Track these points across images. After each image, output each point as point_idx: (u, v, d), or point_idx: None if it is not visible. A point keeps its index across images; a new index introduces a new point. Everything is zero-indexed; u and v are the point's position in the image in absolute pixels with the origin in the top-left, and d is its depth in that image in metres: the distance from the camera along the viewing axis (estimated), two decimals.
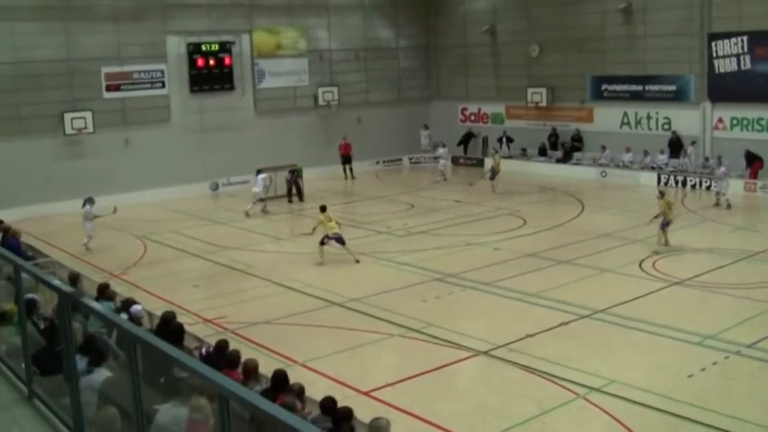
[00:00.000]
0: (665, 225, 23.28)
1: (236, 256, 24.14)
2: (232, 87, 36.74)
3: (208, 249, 25.06)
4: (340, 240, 22.95)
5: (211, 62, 36.00)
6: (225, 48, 36.32)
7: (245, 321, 17.84)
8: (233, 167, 35.80)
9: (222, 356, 11.61)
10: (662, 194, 24.34)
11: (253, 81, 37.57)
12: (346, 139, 38.52)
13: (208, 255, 24.45)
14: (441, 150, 37.87)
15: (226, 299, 19.89)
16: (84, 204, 25.28)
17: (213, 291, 21.17)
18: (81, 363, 8.22)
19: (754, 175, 31.39)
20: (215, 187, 35.93)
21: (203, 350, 12.33)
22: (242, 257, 23.90)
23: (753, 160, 31.42)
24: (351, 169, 38.34)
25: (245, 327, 17.47)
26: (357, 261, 22.79)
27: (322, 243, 22.97)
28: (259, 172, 31.65)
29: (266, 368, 11.82)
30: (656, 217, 23.57)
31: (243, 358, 11.19)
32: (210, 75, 36.03)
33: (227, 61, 36.42)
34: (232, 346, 13.77)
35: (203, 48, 35.76)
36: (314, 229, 23.62)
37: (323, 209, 23.52)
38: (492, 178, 33.53)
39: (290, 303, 19.26)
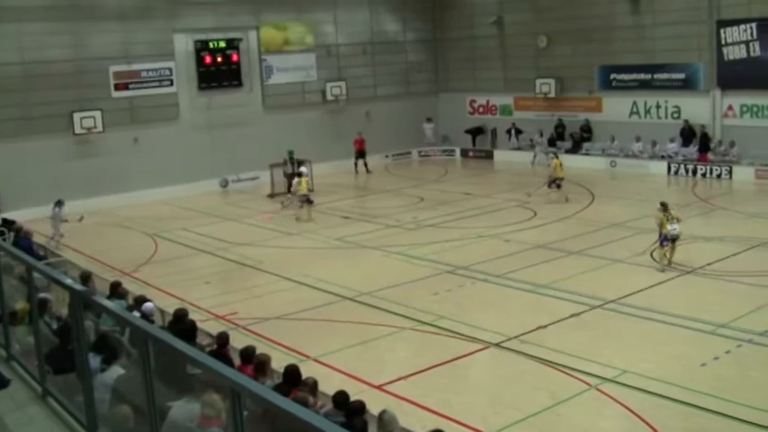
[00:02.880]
0: (664, 241, 20.23)
1: (247, 252, 24.18)
2: (240, 84, 36.76)
3: (218, 246, 25.10)
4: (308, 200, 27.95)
5: (219, 59, 36.00)
6: (232, 44, 36.33)
7: (256, 317, 17.87)
8: (242, 164, 35.85)
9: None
10: (664, 207, 20.61)
11: (261, 77, 37.57)
12: (361, 134, 38.51)
13: (219, 251, 24.49)
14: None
15: (237, 295, 19.93)
16: (55, 207, 25.43)
17: (225, 287, 21.23)
18: (94, 361, 8.26)
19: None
20: (224, 184, 35.97)
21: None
22: (253, 253, 23.94)
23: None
24: (365, 164, 38.30)
25: (257, 322, 17.49)
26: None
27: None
28: (300, 164, 31.94)
29: (279, 364, 11.86)
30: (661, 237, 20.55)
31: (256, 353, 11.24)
32: (218, 72, 36.03)
33: (234, 58, 36.42)
34: (244, 341, 13.87)
35: (211, 45, 35.76)
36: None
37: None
38: (557, 186, 29.21)
39: (301, 298, 19.28)
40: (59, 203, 25.59)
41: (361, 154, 38.33)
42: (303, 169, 31.01)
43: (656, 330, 16.07)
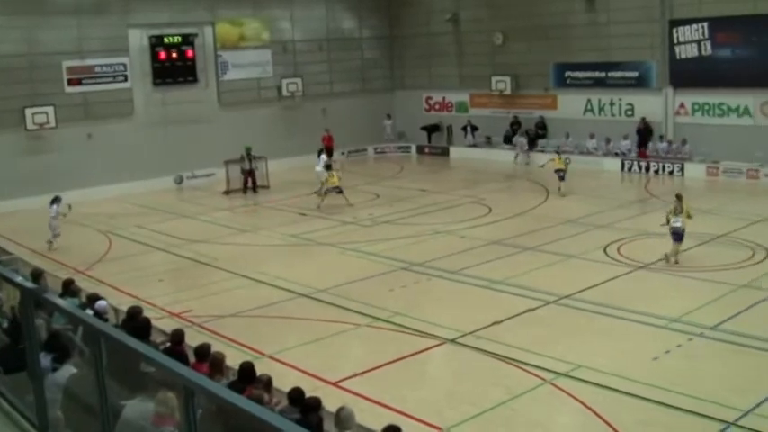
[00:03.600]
0: (675, 234, 20.15)
1: (203, 249, 24.01)
2: (195, 80, 36.48)
3: (173, 243, 24.90)
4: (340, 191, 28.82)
5: (174, 55, 35.66)
6: (187, 40, 36.02)
7: (211, 315, 17.75)
8: (197, 160, 35.54)
9: (178, 347, 11.63)
10: (678, 198, 20.78)
11: (216, 73, 37.34)
12: (329, 131, 38.41)
13: (173, 248, 24.29)
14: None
15: (192, 292, 19.78)
16: (52, 205, 24.80)
17: (179, 285, 21.06)
18: (45, 360, 8.14)
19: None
20: (179, 181, 35.67)
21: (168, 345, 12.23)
22: (208, 251, 23.78)
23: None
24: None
25: (213, 320, 17.39)
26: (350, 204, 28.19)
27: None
28: (320, 153, 32.29)
29: (234, 361, 11.81)
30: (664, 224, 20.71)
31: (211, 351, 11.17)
32: (173, 67, 35.71)
33: (189, 54, 36.12)
34: (199, 339, 13.76)
35: (166, 40, 35.43)
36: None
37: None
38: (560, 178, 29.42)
39: (257, 296, 19.19)
40: (56, 200, 24.87)
41: (328, 151, 38.18)
42: (331, 162, 31.77)
43: (610, 325, 16.26)
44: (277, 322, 17.37)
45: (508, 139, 38.63)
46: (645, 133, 33.96)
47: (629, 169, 33.70)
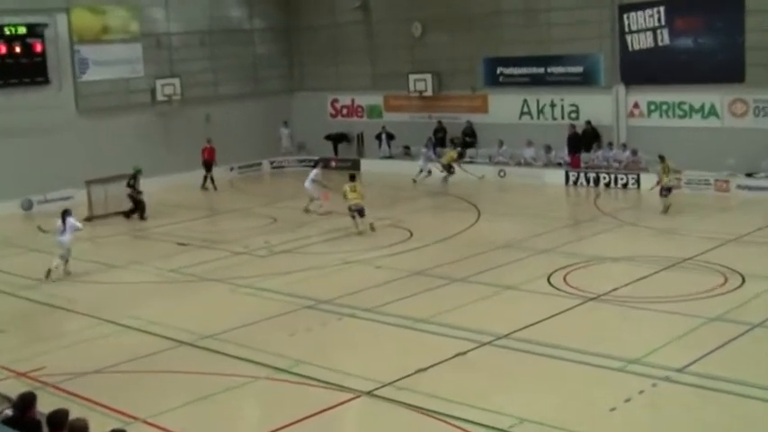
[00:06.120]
0: (663, 190, 28.31)
1: (58, 290, 23.53)
2: (46, 81, 36.01)
3: (20, 284, 24.33)
4: (360, 212, 27.94)
5: (18, 49, 35.16)
6: (35, 31, 35.51)
7: (70, 372, 17.28)
8: (51, 180, 34.84)
9: (27, 413, 11.26)
10: (662, 159, 28.60)
11: (73, 73, 36.86)
12: (210, 142, 38.17)
13: (20, 291, 23.72)
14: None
15: (44, 345, 19.29)
16: (63, 218, 25.07)
17: (28, 336, 20.58)
18: None
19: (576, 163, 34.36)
20: (28, 206, 34.94)
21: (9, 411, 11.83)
22: (65, 291, 23.34)
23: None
24: (212, 178, 37.87)
25: (71, 379, 16.93)
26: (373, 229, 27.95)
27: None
28: (315, 164, 32.97)
29: (101, 429, 11.49)
30: (658, 185, 28.51)
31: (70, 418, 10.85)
32: (17, 65, 35.20)
33: (37, 48, 35.66)
34: (54, 404, 13.33)
35: (7, 31, 34.88)
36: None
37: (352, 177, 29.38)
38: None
39: (127, 346, 18.78)
40: (68, 212, 25.36)
41: (207, 166, 37.83)
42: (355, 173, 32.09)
43: (557, 369, 16.32)
44: (152, 378, 17.02)
45: (431, 150, 38.79)
46: (579, 140, 34.54)
47: (576, 182, 34.24)
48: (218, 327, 19.51)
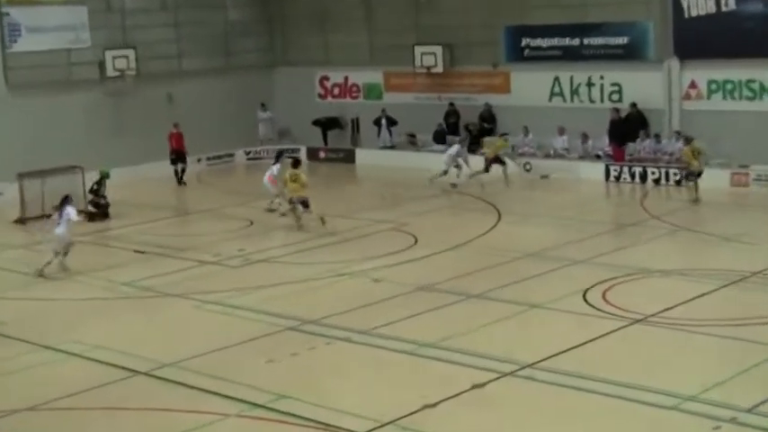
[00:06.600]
0: (689, 176, 30.12)
1: None
2: None
3: None
4: (304, 203, 29.08)
5: None
6: None
7: None
8: None
9: None
10: (687, 141, 30.67)
11: (1, 41, 36.84)
12: (178, 127, 38.25)
13: None
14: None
15: None
16: (61, 208, 25.69)
17: None
18: None
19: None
20: None
21: None
22: None
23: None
24: (183, 171, 37.89)
25: None
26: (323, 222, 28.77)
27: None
28: (277, 159, 33.58)
29: None
30: (683, 170, 30.66)
31: None
32: None
33: None
34: None
35: None
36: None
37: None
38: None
39: (68, 377, 18.76)
40: (67, 200, 25.86)
41: (179, 156, 37.77)
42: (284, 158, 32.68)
43: (593, 407, 16.27)
44: (99, 417, 16.98)
45: (441, 137, 38.73)
46: (622, 127, 34.42)
47: (618, 178, 34.17)
48: (181, 353, 19.47)
